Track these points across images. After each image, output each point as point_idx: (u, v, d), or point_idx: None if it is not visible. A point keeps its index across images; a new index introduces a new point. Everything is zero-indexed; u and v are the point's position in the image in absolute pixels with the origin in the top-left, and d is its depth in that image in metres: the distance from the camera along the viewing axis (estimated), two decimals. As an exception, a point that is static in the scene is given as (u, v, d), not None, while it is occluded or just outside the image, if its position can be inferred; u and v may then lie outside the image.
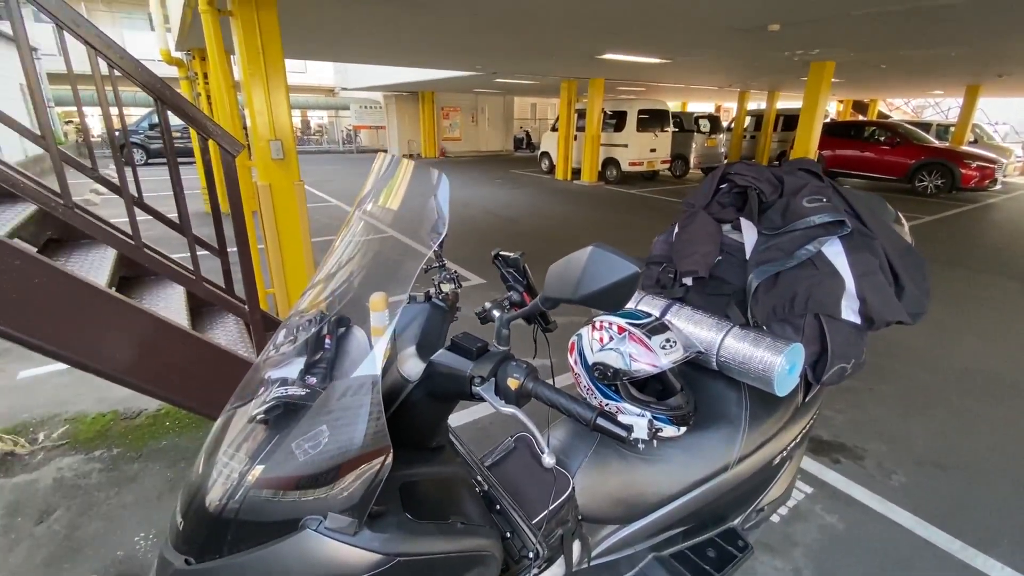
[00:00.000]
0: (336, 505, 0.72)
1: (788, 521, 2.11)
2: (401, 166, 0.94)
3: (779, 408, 1.41)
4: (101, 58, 1.58)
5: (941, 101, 20.93)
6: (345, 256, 0.96)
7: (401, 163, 0.93)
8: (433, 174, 0.82)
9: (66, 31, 1.52)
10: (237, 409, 0.86)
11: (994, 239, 7.16)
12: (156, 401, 2.90)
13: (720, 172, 1.58)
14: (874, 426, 2.79)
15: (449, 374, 0.83)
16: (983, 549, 1.98)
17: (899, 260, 1.37)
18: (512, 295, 0.99)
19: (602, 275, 0.68)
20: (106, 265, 2.07)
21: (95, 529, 2.02)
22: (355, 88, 18.14)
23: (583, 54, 7.71)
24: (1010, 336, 3.98)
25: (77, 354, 1.65)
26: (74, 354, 1.64)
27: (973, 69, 8.96)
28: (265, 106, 3.32)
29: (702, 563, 1.35)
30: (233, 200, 1.79)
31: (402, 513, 0.77)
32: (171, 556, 0.79)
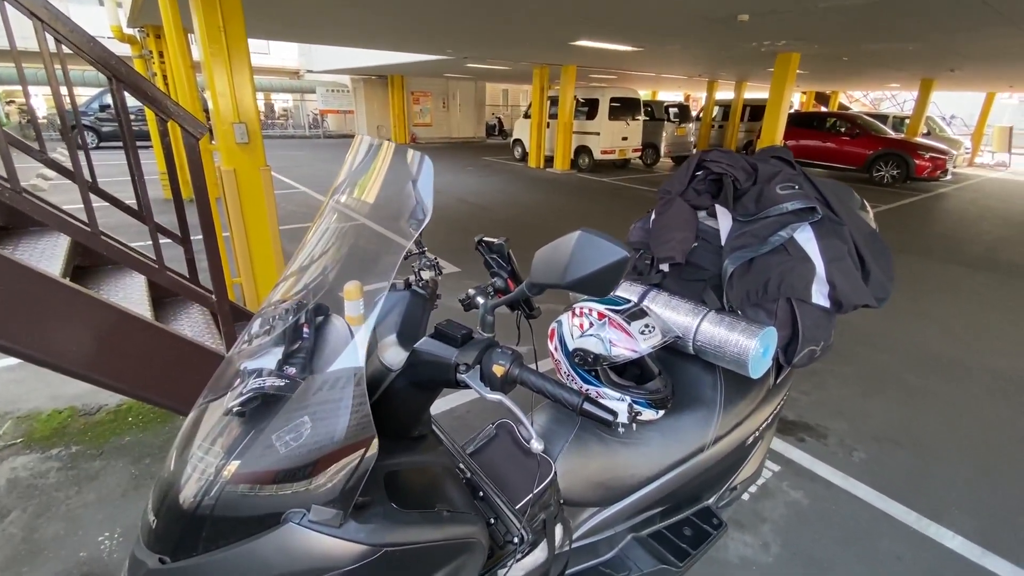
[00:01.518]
0: (319, 497, 0.70)
1: (757, 499, 2.19)
2: (381, 149, 0.91)
3: (752, 390, 1.45)
4: (48, 32, 1.47)
5: (897, 94, 21.72)
6: (322, 243, 0.93)
7: (382, 146, 0.91)
8: (415, 157, 0.80)
9: (7, 1, 1.41)
10: (210, 402, 0.83)
11: (944, 227, 7.53)
12: (116, 396, 2.78)
13: (696, 159, 1.59)
14: (836, 406, 2.91)
15: (433, 362, 0.81)
16: (935, 519, 2.11)
17: (865, 246, 1.42)
18: (496, 281, 0.98)
19: (590, 260, 0.67)
20: (58, 254, 1.96)
21: (55, 530, 1.94)
22: (321, 71, 17.58)
23: (556, 40, 7.67)
24: (959, 319, 4.20)
25: (31, 348, 1.56)
26: (28, 348, 1.55)
27: (928, 64, 9.32)
28: (228, 87, 3.18)
29: (679, 541, 1.39)
30: (198, 185, 1.71)
31: (387, 503, 0.76)
32: (143, 556, 0.76)
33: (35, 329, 1.58)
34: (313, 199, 8.17)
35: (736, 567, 1.86)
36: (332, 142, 18.47)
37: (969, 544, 1.99)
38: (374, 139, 0.91)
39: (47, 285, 1.54)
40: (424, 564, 0.78)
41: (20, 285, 1.51)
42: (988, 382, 3.21)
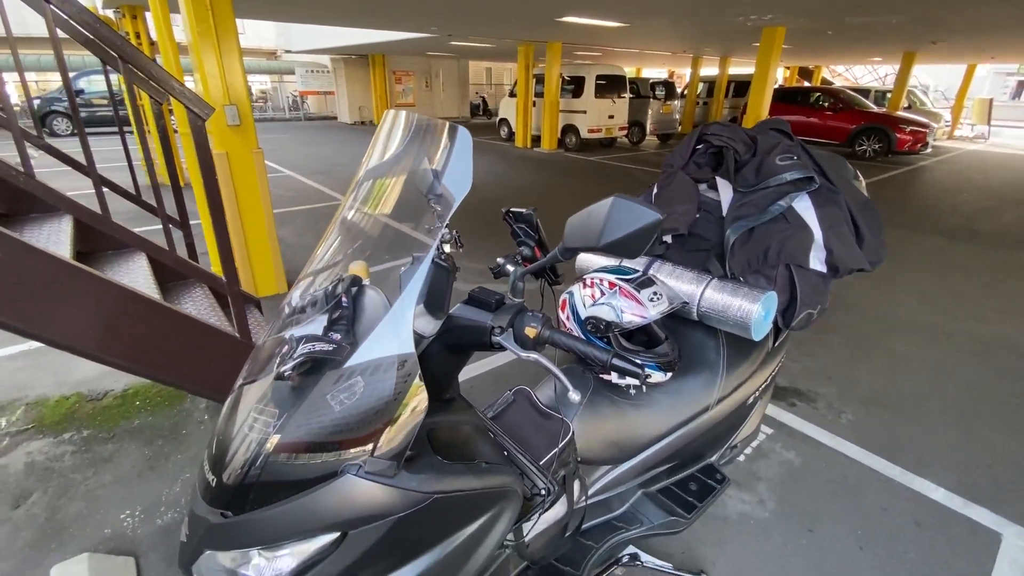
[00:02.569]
0: (374, 451, 0.76)
1: (752, 459, 2.30)
2: (413, 122, 0.94)
3: (753, 352, 1.53)
4: (61, 14, 1.44)
5: (879, 67, 21.85)
6: (354, 218, 0.97)
7: (413, 119, 0.94)
8: (451, 130, 0.83)
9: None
10: (260, 368, 0.88)
11: (925, 200, 7.70)
12: (121, 381, 2.81)
13: (697, 133, 1.64)
14: (825, 372, 3.03)
15: (469, 326, 0.87)
16: (919, 473, 2.24)
17: (859, 213, 1.50)
18: (523, 250, 1.03)
19: (624, 223, 0.73)
20: (64, 239, 1.96)
21: (76, 510, 1.98)
22: (300, 51, 17.14)
23: (543, 16, 7.58)
24: (940, 287, 4.36)
25: (46, 331, 1.58)
26: (43, 331, 1.57)
27: (910, 36, 9.39)
28: (217, 69, 3.14)
29: (685, 496, 1.48)
30: (205, 167, 1.71)
31: (433, 456, 0.82)
32: (204, 512, 0.81)
33: (51, 311, 1.59)
34: (299, 183, 8.08)
35: (735, 522, 1.97)
36: (314, 124, 18.13)
37: (951, 495, 2.12)
38: (402, 111, 0.94)
39: (62, 268, 1.56)
40: (469, 509, 0.84)
41: (35, 269, 1.53)
42: (968, 346, 3.36)
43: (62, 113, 12.25)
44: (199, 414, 2.55)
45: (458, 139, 0.79)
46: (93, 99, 12.22)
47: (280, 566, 0.78)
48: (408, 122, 0.93)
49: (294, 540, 0.77)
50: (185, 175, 7.48)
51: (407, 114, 0.92)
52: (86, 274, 1.63)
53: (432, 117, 0.90)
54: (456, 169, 0.79)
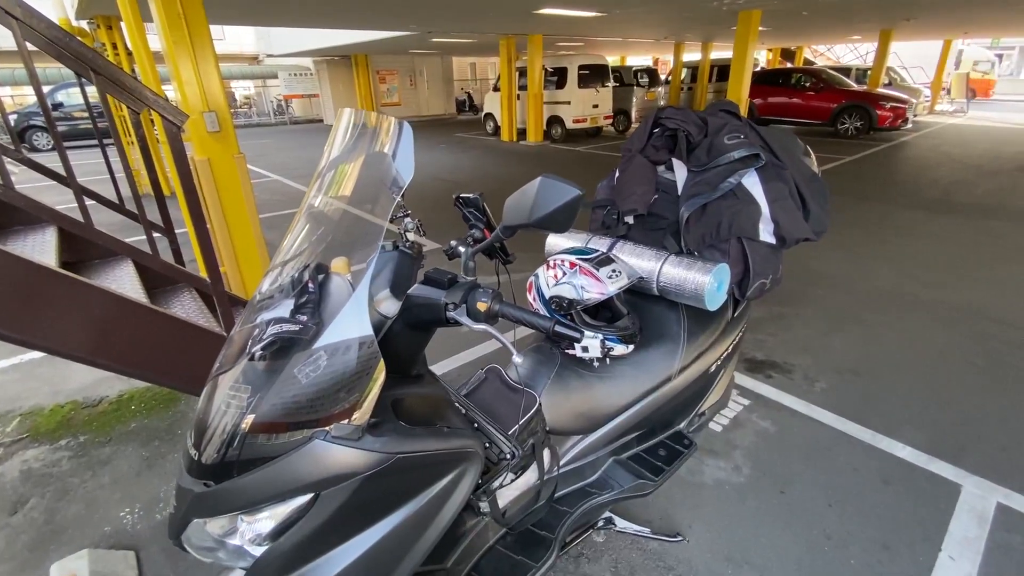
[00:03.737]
0: (338, 418, 0.83)
1: (728, 429, 2.40)
2: (361, 118, 1.01)
3: (712, 323, 1.61)
4: (26, 31, 1.50)
5: (859, 46, 21.98)
6: (318, 210, 1.04)
7: (362, 115, 1.01)
8: (393, 125, 0.90)
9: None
10: (236, 352, 0.95)
11: (905, 174, 7.82)
12: (116, 387, 2.87)
13: (652, 118, 1.72)
14: (800, 344, 3.13)
15: (426, 304, 0.94)
16: (888, 434, 2.34)
17: (806, 187, 1.58)
18: (474, 232, 1.10)
19: (551, 200, 0.80)
20: (49, 249, 2.02)
21: (75, 512, 2.05)
22: (281, 54, 17.06)
23: (521, 10, 7.61)
24: (914, 258, 4.47)
25: (40, 338, 1.64)
26: (37, 338, 1.64)
27: (884, 14, 9.48)
28: (194, 76, 3.17)
29: (654, 460, 1.57)
30: (183, 173, 1.77)
31: (396, 422, 0.90)
32: (189, 484, 0.89)
33: (41, 317, 1.66)
34: (287, 187, 8.11)
35: (711, 488, 2.06)
36: (299, 128, 18.09)
37: (917, 453, 2.22)
38: (355, 110, 1.01)
39: (49, 276, 1.62)
40: (431, 469, 0.92)
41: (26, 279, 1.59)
42: (940, 313, 3.46)
43: (42, 127, 12.16)
44: (194, 414, 2.61)
45: (403, 133, 0.86)
46: (73, 112, 12.12)
47: (260, 528, 0.86)
48: (360, 119, 1.00)
49: (272, 503, 0.85)
50: (170, 184, 7.51)
51: (359, 112, 0.99)
52: (72, 280, 1.69)
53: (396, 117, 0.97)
54: (402, 159, 0.86)
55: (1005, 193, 6.51)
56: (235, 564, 0.93)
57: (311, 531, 0.85)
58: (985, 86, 20.70)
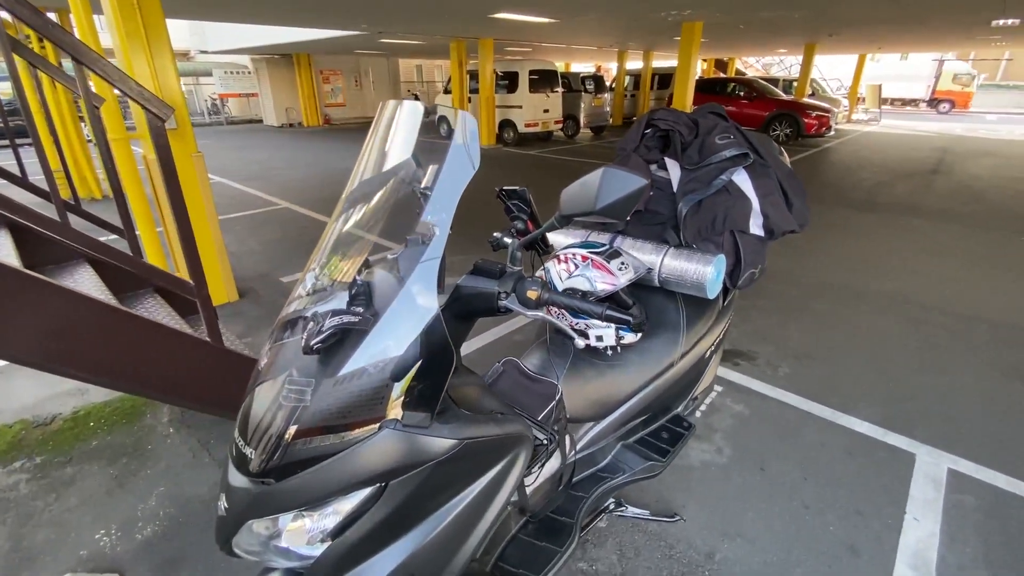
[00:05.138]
0: (407, 406, 0.84)
1: (707, 415, 2.54)
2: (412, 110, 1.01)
3: (707, 311, 1.72)
4: None
5: (785, 58, 23.63)
6: (360, 204, 1.04)
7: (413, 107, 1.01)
8: (458, 116, 0.91)
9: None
10: (282, 343, 0.93)
11: (832, 177, 8.49)
12: (70, 404, 2.65)
13: (645, 119, 1.81)
14: (761, 334, 3.35)
15: (477, 293, 0.97)
16: (846, 411, 2.56)
17: (787, 182, 1.72)
18: (517, 224, 1.13)
19: (615, 189, 0.85)
20: (8, 252, 1.86)
21: (44, 536, 1.88)
22: (216, 51, 16.22)
23: (476, 13, 7.66)
24: (852, 253, 4.88)
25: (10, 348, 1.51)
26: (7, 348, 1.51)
27: (810, 30, 10.28)
28: (149, 71, 3.00)
29: (659, 443, 1.65)
30: (167, 170, 1.68)
31: (457, 408, 0.92)
32: (243, 483, 0.87)
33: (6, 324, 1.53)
34: (234, 189, 7.73)
35: (698, 470, 2.18)
36: (238, 128, 17.25)
37: (873, 427, 2.45)
38: (403, 101, 1.01)
39: (17, 280, 1.49)
40: (493, 453, 0.95)
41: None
42: (877, 302, 3.81)
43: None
44: (162, 428, 2.47)
45: (467, 123, 0.88)
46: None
47: (325, 524, 0.85)
48: (409, 112, 1.01)
49: (336, 497, 0.84)
50: (103, 187, 6.97)
51: (409, 104, 1.00)
52: (44, 283, 1.56)
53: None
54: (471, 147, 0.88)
55: (920, 193, 7.23)
56: (286, 563, 0.92)
57: (377, 522, 0.85)
58: (964, 98, 22.30)
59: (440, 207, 0.87)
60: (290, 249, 5.01)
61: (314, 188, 7.74)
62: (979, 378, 2.83)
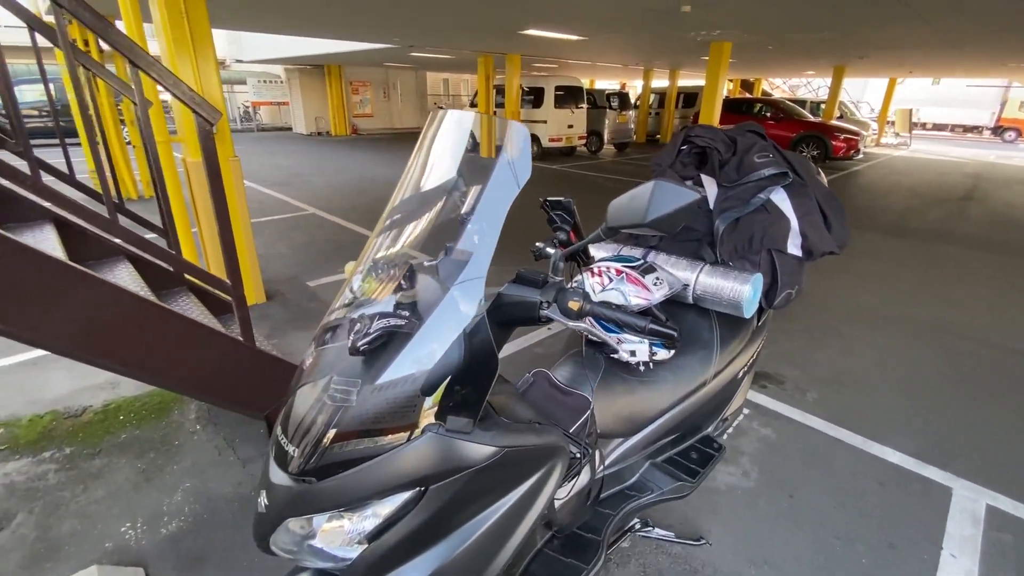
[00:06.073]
0: (450, 411, 0.84)
1: (733, 437, 2.49)
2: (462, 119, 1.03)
3: (741, 330, 1.69)
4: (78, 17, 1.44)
5: (812, 80, 23.44)
6: (406, 210, 1.05)
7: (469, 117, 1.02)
8: (507, 126, 0.92)
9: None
10: (324, 346, 0.94)
11: (861, 200, 8.34)
12: (98, 397, 2.71)
13: (682, 135, 1.81)
14: (788, 357, 3.29)
15: (519, 302, 0.97)
16: (878, 440, 2.48)
17: (825, 203, 1.69)
18: (559, 235, 1.13)
19: (667, 202, 0.85)
20: (55, 246, 1.92)
21: (71, 527, 1.92)
22: (252, 60, 16.72)
23: (506, 28, 7.78)
24: (881, 278, 4.77)
25: (53, 338, 1.56)
26: (50, 338, 1.55)
27: (840, 51, 10.19)
28: (193, 76, 3.10)
29: (689, 463, 1.62)
30: (213, 174, 1.73)
31: (497, 416, 0.92)
32: (285, 481, 0.87)
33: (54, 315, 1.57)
34: (262, 194, 7.90)
35: (724, 493, 2.13)
36: (267, 136, 17.69)
37: (907, 458, 2.37)
38: (456, 111, 1.03)
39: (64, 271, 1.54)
40: (530, 464, 0.94)
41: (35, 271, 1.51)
42: (909, 329, 3.70)
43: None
44: (189, 424, 2.50)
45: (518, 134, 0.89)
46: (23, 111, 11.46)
47: (364, 526, 0.85)
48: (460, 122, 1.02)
49: (376, 499, 0.84)
50: (139, 187, 7.20)
51: (460, 114, 1.02)
52: (87, 276, 1.61)
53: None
54: (519, 159, 0.89)
55: (953, 220, 7.05)
56: (319, 564, 0.91)
57: (415, 528, 0.85)
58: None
59: (485, 224, 0.87)
60: (317, 254, 5.09)
61: (341, 196, 7.88)
62: (1018, 412, 2.73)
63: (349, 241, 5.48)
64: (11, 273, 1.48)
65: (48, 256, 1.53)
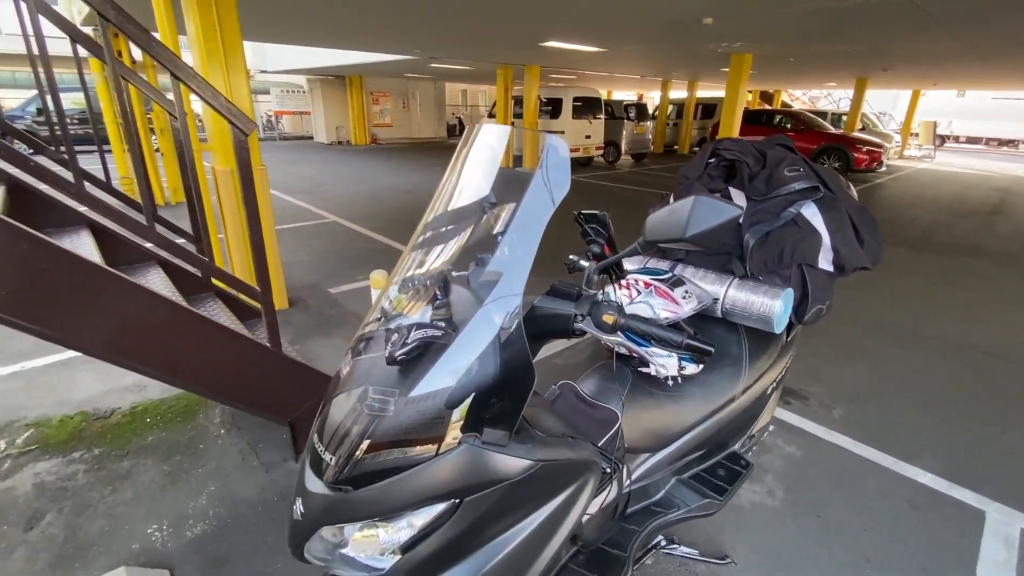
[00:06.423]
0: (487, 423, 0.84)
1: (757, 453, 2.44)
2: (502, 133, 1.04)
3: (770, 346, 1.67)
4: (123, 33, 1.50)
5: (833, 92, 23.19)
6: (442, 224, 1.06)
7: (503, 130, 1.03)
8: (544, 140, 0.93)
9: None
10: (365, 355, 0.95)
11: (885, 214, 8.20)
12: (128, 399, 2.77)
13: (709, 148, 1.80)
14: (812, 373, 3.22)
15: (554, 314, 0.97)
16: (909, 461, 2.41)
17: (857, 218, 1.67)
18: (593, 248, 1.13)
19: (707, 218, 0.84)
20: (90, 250, 1.98)
21: (98, 528, 1.95)
22: (275, 71, 17.11)
23: (526, 41, 7.86)
24: (908, 293, 4.67)
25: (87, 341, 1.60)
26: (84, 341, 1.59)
27: (864, 63, 10.08)
28: (225, 87, 3.19)
29: (716, 480, 1.59)
30: (246, 182, 1.77)
31: (532, 429, 0.91)
32: (321, 489, 0.88)
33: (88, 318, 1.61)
34: (284, 201, 8.04)
35: (749, 511, 2.09)
36: (289, 144, 18.02)
37: (939, 479, 2.30)
38: (494, 125, 1.04)
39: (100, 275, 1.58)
40: (565, 477, 0.93)
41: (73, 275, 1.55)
42: (937, 346, 3.61)
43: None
44: (214, 428, 2.54)
45: (556, 149, 0.90)
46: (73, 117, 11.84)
47: (399, 537, 0.85)
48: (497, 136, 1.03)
49: (411, 510, 0.84)
50: (165, 194, 7.38)
51: (498, 129, 1.03)
52: (123, 281, 1.65)
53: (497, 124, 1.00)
54: (555, 174, 0.89)
55: (981, 235, 6.89)
56: (351, 572, 0.91)
57: (449, 540, 0.85)
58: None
59: (521, 239, 0.88)
60: (338, 261, 5.15)
61: (361, 204, 7.98)
62: (1056, 435, 2.64)
63: (369, 249, 5.54)
64: (50, 276, 1.52)
65: (86, 260, 1.57)
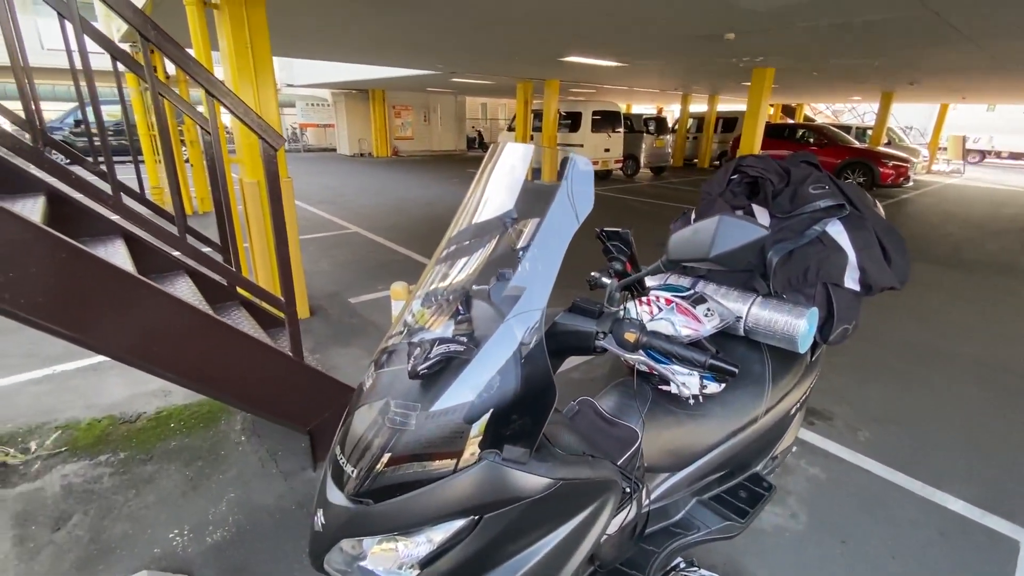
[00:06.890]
0: (507, 440, 0.84)
1: (779, 475, 2.38)
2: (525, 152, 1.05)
3: (794, 365, 1.64)
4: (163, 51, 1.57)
5: (857, 106, 22.87)
6: (462, 238, 1.07)
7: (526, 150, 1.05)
8: (568, 159, 0.94)
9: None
10: (384, 370, 0.96)
11: (913, 230, 8.01)
12: (151, 403, 2.83)
13: (732, 165, 1.79)
14: (837, 393, 3.15)
15: (575, 331, 0.97)
16: (938, 486, 2.33)
17: (885, 236, 1.64)
18: (615, 265, 1.13)
19: (732, 238, 0.84)
20: (122, 260, 2.04)
21: (122, 530, 1.99)
22: (301, 85, 17.57)
23: (547, 56, 7.94)
24: (937, 312, 4.54)
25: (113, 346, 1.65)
26: (115, 348, 1.64)
27: (890, 77, 9.94)
28: (254, 102, 3.28)
29: (737, 502, 1.56)
30: (274, 195, 1.82)
31: (552, 447, 0.91)
32: (342, 501, 0.89)
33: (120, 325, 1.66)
34: (307, 212, 8.20)
35: (771, 534, 2.03)
36: (313, 156, 18.42)
37: (969, 506, 2.21)
38: (519, 144, 1.06)
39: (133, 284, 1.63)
40: (584, 496, 0.93)
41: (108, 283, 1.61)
42: (969, 368, 3.50)
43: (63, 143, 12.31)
44: (235, 435, 2.58)
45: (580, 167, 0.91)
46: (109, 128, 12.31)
47: (419, 551, 0.86)
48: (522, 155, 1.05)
49: (431, 525, 0.85)
50: (193, 203, 7.59)
51: (523, 148, 1.04)
52: (158, 291, 1.70)
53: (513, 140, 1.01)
54: (579, 192, 0.90)
55: (1015, 253, 6.68)
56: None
57: (468, 556, 0.85)
58: None
59: (543, 256, 0.88)
60: (359, 272, 5.22)
61: (382, 215, 8.10)
62: (1098, 463, 2.52)
63: (389, 260, 5.61)
64: (85, 284, 1.58)
65: (120, 269, 1.63)
